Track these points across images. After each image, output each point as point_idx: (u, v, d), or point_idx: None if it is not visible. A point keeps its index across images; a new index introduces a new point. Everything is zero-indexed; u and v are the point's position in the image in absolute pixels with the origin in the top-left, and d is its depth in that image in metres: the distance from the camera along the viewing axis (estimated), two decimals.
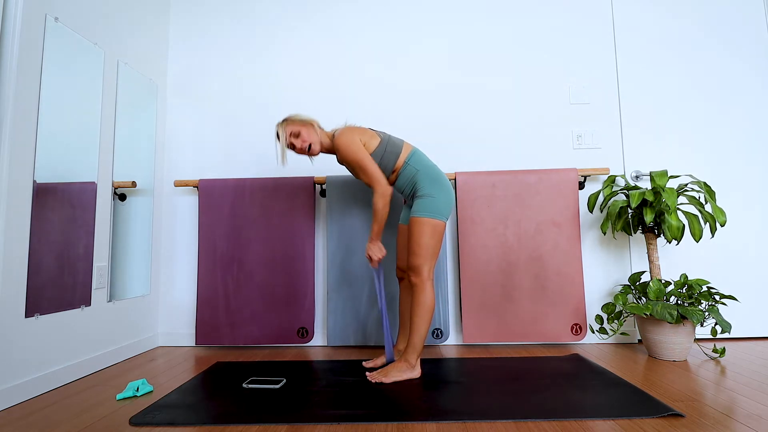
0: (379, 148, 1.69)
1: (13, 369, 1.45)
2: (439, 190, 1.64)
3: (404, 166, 1.70)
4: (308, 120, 1.75)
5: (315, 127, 1.75)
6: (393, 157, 1.69)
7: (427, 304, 1.60)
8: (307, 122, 1.74)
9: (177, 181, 2.27)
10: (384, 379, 1.57)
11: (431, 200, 1.62)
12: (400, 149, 1.71)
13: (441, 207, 1.62)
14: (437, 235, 1.61)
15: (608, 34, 2.36)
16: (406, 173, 1.70)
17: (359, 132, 1.70)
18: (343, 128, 1.72)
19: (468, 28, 2.39)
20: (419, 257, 1.60)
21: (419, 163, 1.69)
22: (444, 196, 1.64)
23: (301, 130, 1.72)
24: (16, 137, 1.48)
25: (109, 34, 1.96)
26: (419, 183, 1.66)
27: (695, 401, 1.35)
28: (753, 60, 2.30)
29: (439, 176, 1.67)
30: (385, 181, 1.66)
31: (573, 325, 2.09)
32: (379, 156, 1.69)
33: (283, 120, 1.77)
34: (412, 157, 1.70)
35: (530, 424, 1.20)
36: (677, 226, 1.90)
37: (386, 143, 1.70)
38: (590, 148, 2.30)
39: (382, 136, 1.72)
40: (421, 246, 1.60)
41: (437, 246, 1.62)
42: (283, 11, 2.44)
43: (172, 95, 2.42)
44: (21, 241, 1.49)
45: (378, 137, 1.71)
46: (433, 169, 1.69)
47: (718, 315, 1.75)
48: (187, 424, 1.24)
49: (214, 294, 2.18)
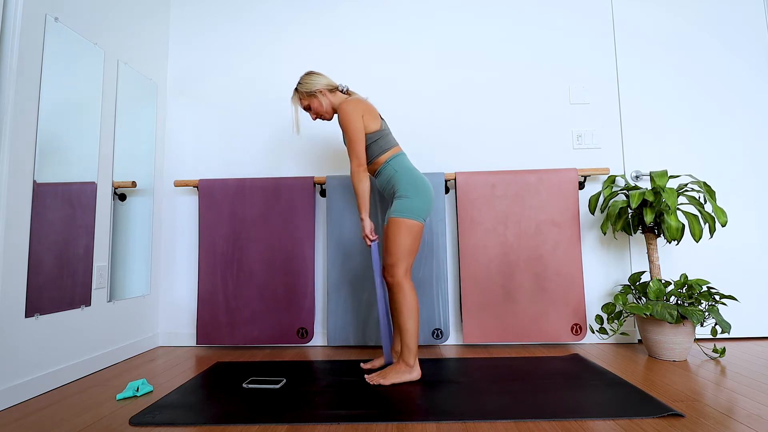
0: (374, 133, 1.72)
1: (13, 369, 1.45)
2: (415, 192, 1.65)
3: (384, 164, 1.73)
4: (315, 90, 1.77)
5: (320, 96, 1.78)
6: (379, 151, 1.73)
7: (408, 304, 1.60)
8: (314, 93, 1.77)
9: (177, 181, 2.27)
10: (383, 381, 1.57)
11: (407, 201, 1.64)
12: (389, 148, 1.74)
13: (416, 208, 1.63)
14: (412, 234, 1.62)
15: (608, 34, 2.36)
16: (385, 172, 1.73)
17: (366, 109, 1.72)
18: (355, 97, 1.76)
19: (467, 29, 2.39)
20: (393, 256, 1.62)
21: (398, 165, 1.71)
22: (421, 198, 1.65)
23: (310, 102, 1.79)
24: (16, 137, 1.48)
25: (109, 34, 1.96)
26: (397, 184, 1.68)
27: (695, 401, 1.35)
28: (753, 60, 2.30)
29: (417, 179, 1.68)
30: (363, 161, 1.69)
31: (573, 325, 2.09)
32: (370, 141, 1.72)
33: (294, 90, 1.83)
34: (394, 158, 1.73)
35: (530, 424, 1.20)
36: (677, 227, 1.90)
37: (381, 135, 1.73)
38: (590, 148, 2.30)
39: (383, 126, 1.75)
40: (396, 245, 1.61)
41: (413, 245, 1.63)
42: (283, 11, 2.44)
43: (172, 95, 2.42)
44: (21, 242, 1.49)
45: (379, 125, 1.73)
46: (412, 172, 1.70)
47: (718, 315, 1.75)
48: (187, 424, 1.24)
49: (214, 294, 2.18)
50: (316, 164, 2.35)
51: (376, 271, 1.74)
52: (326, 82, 1.79)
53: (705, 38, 2.32)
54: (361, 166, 1.69)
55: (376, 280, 1.73)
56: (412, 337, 1.60)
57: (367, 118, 1.71)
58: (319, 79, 1.78)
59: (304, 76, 1.80)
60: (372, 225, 1.73)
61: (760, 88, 2.29)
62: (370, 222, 1.72)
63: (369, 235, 1.72)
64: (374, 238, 1.73)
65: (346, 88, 1.84)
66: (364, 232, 1.72)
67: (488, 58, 2.37)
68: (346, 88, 1.84)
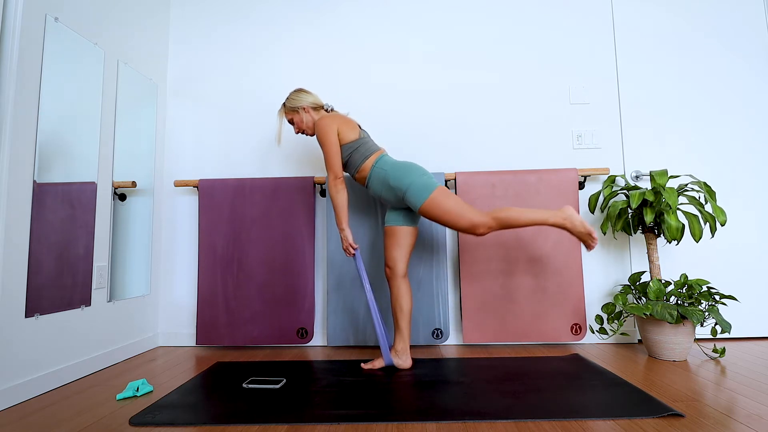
0: (353, 142, 1.78)
1: (13, 369, 1.45)
2: (414, 174, 1.69)
3: (372, 169, 1.77)
4: (299, 106, 1.86)
5: (303, 112, 1.87)
6: (361, 158, 1.77)
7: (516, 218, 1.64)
8: (297, 109, 1.87)
9: (177, 181, 2.27)
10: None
11: (416, 185, 1.67)
12: (371, 153, 1.79)
13: (427, 182, 1.68)
14: (449, 195, 1.66)
15: (608, 34, 2.36)
16: (376, 175, 1.76)
17: (342, 121, 1.79)
18: (331, 114, 1.83)
19: (468, 29, 2.39)
20: (460, 218, 1.63)
21: (386, 164, 1.75)
22: (420, 175, 1.69)
23: (293, 117, 1.89)
24: (16, 137, 1.48)
25: (109, 34, 1.96)
26: (394, 180, 1.71)
27: (695, 401, 1.35)
28: (753, 60, 2.30)
29: (408, 166, 1.73)
30: (340, 174, 1.74)
31: (573, 325, 2.09)
32: (350, 150, 1.78)
33: (282, 104, 1.92)
34: (379, 160, 1.77)
35: (530, 424, 1.20)
36: (677, 227, 1.90)
37: (361, 143, 1.78)
38: (590, 148, 2.30)
39: (362, 135, 1.81)
40: (450, 212, 1.63)
41: (457, 201, 1.65)
42: (283, 11, 2.44)
43: (172, 95, 2.42)
44: (21, 241, 1.49)
45: (358, 134, 1.79)
46: (401, 163, 1.75)
47: (718, 315, 1.75)
48: (188, 424, 1.24)
49: (214, 294, 2.18)
50: (315, 164, 2.34)
51: (363, 279, 1.75)
52: (312, 101, 1.87)
53: (705, 38, 2.32)
54: (338, 178, 1.74)
55: (365, 286, 1.75)
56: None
57: (344, 130, 1.77)
58: (306, 97, 1.87)
59: (293, 93, 1.90)
60: (352, 236, 1.77)
61: (760, 88, 2.29)
62: (350, 232, 1.75)
63: (351, 245, 1.75)
64: (356, 247, 1.75)
65: (331, 108, 1.93)
66: (346, 243, 1.75)
67: (488, 58, 2.37)
68: (331, 107, 1.93)
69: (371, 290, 1.76)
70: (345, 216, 1.74)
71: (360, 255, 1.78)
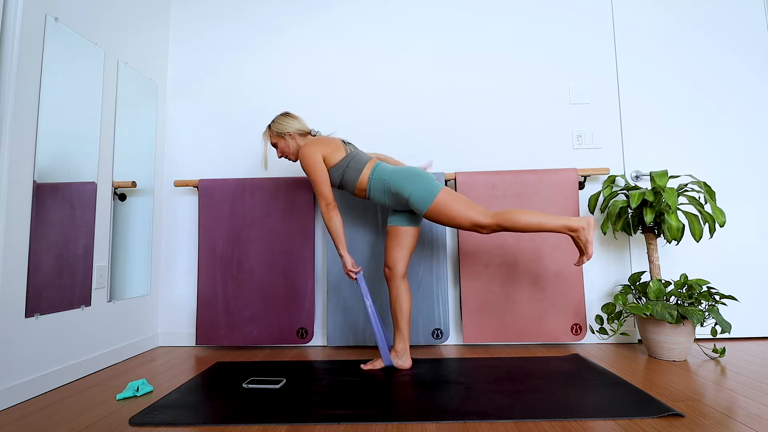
0: (342, 161, 1.74)
1: (13, 369, 1.45)
2: (416, 179, 1.67)
3: (370, 180, 1.74)
4: (285, 132, 1.83)
5: (289, 138, 1.84)
6: (355, 174, 1.74)
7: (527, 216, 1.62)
8: (284, 134, 1.83)
9: (177, 181, 2.27)
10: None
11: (419, 190, 1.65)
12: (364, 166, 1.75)
13: (430, 185, 1.66)
14: (454, 196, 1.64)
15: (608, 34, 2.36)
16: (376, 186, 1.73)
17: (324, 144, 1.75)
18: (312, 140, 1.79)
19: (467, 29, 2.39)
20: (467, 216, 1.62)
21: (383, 173, 1.72)
22: (422, 179, 1.67)
23: (278, 142, 1.86)
24: (16, 137, 1.48)
25: (109, 34, 1.96)
26: (396, 187, 1.69)
27: (695, 401, 1.35)
28: (753, 60, 2.30)
29: (408, 171, 1.70)
30: (331, 200, 1.72)
31: (573, 325, 2.09)
32: (341, 169, 1.74)
33: (267, 127, 1.88)
34: (375, 170, 1.74)
35: (530, 424, 1.20)
36: (677, 227, 1.90)
37: (350, 158, 1.75)
38: (590, 148, 2.30)
39: (348, 151, 1.76)
40: (457, 212, 1.62)
41: (463, 199, 1.64)
42: (283, 11, 2.44)
43: (172, 95, 2.42)
44: (21, 241, 1.49)
45: (344, 151, 1.76)
46: (400, 168, 1.72)
47: (718, 315, 1.75)
48: (187, 424, 1.24)
49: (214, 294, 2.18)
50: None
51: (365, 297, 1.76)
52: (299, 127, 1.84)
53: (705, 38, 2.32)
54: (330, 204, 1.72)
55: (366, 302, 1.76)
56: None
57: (328, 153, 1.74)
58: (293, 123, 1.84)
59: (279, 116, 1.86)
60: (352, 260, 1.76)
61: (760, 88, 2.29)
62: (349, 257, 1.75)
63: (351, 270, 1.74)
64: (357, 270, 1.75)
65: (318, 133, 1.89)
66: (346, 269, 1.75)
67: (488, 58, 2.37)
68: (318, 132, 1.89)
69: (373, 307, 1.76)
70: (342, 241, 1.73)
71: (362, 276, 1.78)
